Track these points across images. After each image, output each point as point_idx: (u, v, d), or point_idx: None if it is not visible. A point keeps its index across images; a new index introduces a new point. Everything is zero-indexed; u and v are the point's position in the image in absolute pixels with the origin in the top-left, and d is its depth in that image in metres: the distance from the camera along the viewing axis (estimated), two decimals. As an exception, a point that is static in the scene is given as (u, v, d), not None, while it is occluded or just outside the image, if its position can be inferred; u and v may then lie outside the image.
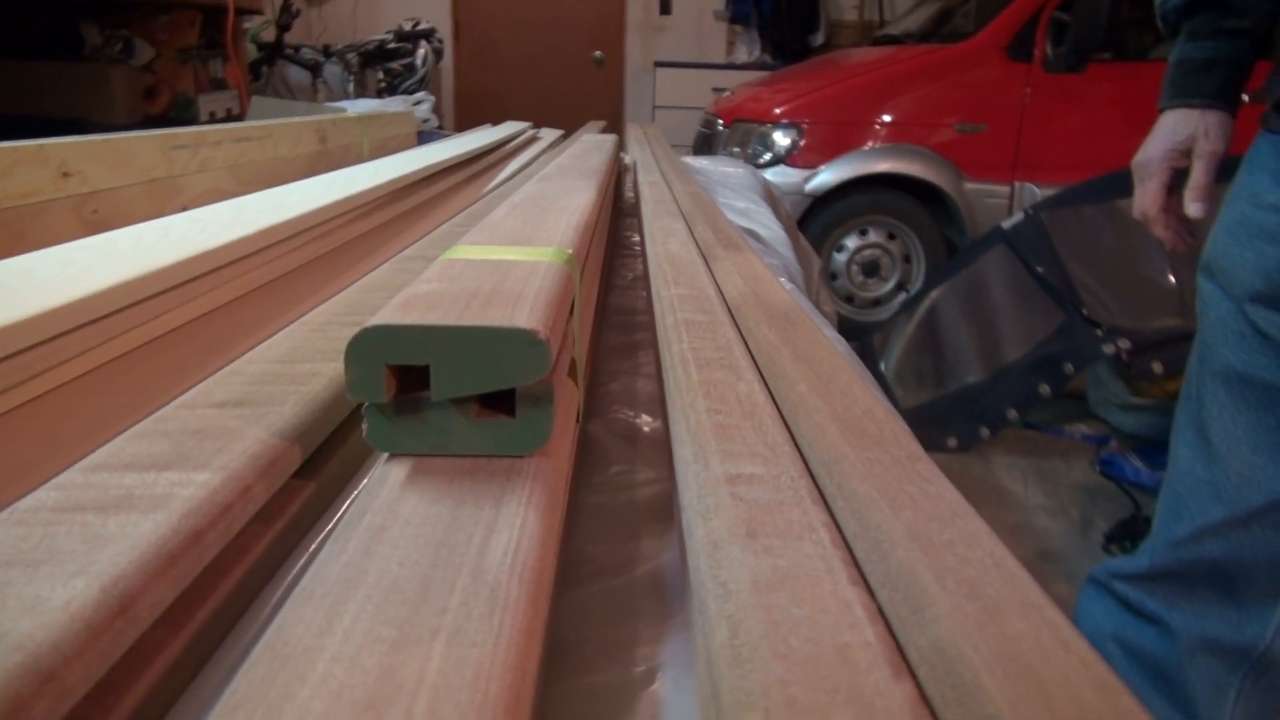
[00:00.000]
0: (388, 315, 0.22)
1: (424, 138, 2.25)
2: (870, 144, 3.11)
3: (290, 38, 3.22)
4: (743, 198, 1.21)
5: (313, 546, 0.25)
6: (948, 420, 2.32)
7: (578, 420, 0.30)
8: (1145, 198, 0.90)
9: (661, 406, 0.34)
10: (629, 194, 1.11)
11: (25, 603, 0.16)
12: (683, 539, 0.20)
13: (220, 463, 0.21)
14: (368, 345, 0.22)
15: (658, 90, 5.00)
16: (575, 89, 5.24)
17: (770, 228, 1.01)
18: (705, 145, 3.56)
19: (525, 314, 0.22)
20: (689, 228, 0.61)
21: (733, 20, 5.12)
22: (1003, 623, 0.16)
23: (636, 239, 0.75)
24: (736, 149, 3.28)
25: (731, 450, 0.22)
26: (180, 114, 2.45)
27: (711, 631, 0.15)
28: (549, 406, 0.22)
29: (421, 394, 0.22)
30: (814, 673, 0.14)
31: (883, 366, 2.49)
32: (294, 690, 0.14)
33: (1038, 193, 3.04)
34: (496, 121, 4.51)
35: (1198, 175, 0.87)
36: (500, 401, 0.23)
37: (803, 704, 0.13)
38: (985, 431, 2.27)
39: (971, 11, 3.28)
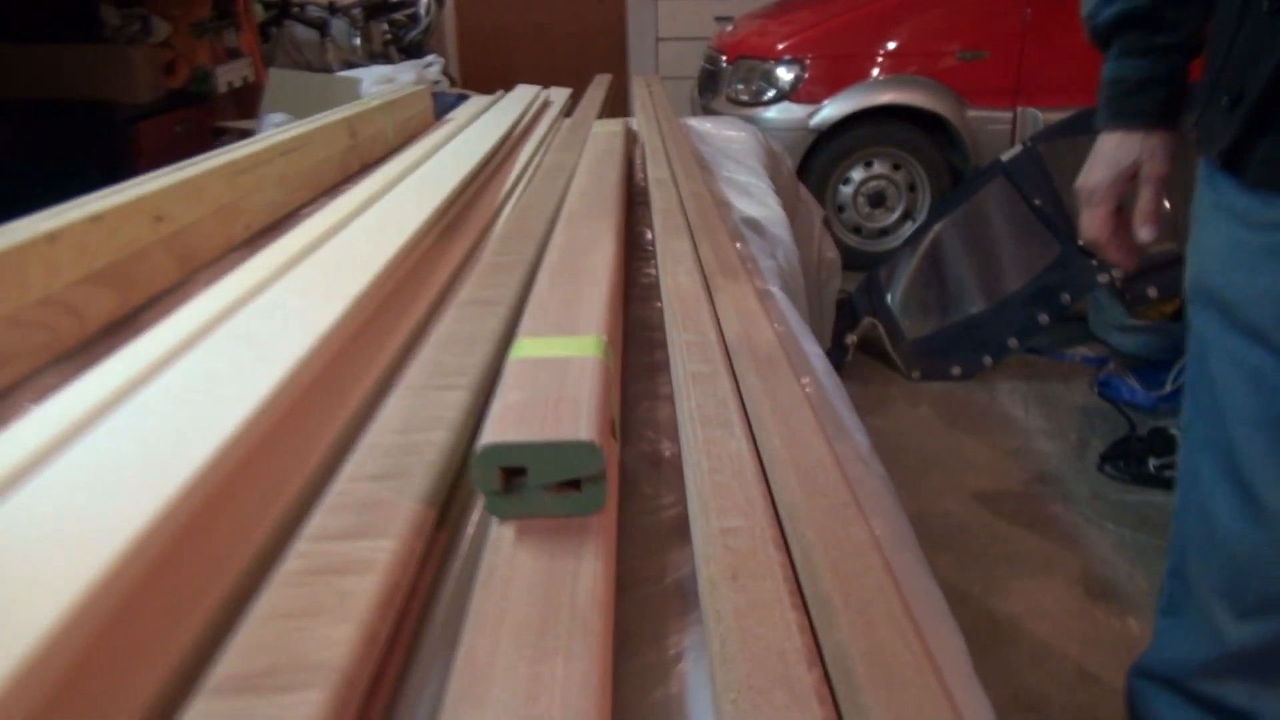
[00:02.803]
0: (494, 434, 0.33)
1: (438, 100, 2.32)
2: (872, 76, 3.15)
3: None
4: (745, 169, 1.31)
5: (449, 584, 0.36)
6: (952, 350, 2.43)
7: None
8: (1094, 225, 0.89)
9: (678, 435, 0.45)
10: (639, 177, 1.20)
11: (320, 641, 0.27)
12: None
13: (395, 530, 0.32)
14: (487, 457, 0.33)
15: (660, 21, 4.99)
16: (578, 22, 5.23)
17: (769, 206, 1.11)
18: (709, 81, 3.59)
19: (584, 424, 0.33)
20: (694, 247, 0.71)
21: (734, -54, 5.06)
22: (876, 631, 0.27)
23: (650, 236, 0.85)
24: (740, 85, 3.32)
25: (723, 507, 0.33)
26: (199, 87, 2.53)
27: (710, 642, 0.26)
28: (604, 483, 0.34)
29: (521, 479, 0.34)
30: (764, 668, 0.25)
31: (889, 298, 2.58)
32: (486, 690, 0.25)
33: (1040, 117, 3.08)
34: (501, 62, 4.54)
35: (1146, 201, 0.86)
36: (572, 479, 0.34)
37: (757, 688, 0.24)
38: (988, 359, 2.37)
39: (971, -64, 3.27)
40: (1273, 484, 0.71)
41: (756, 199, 1.15)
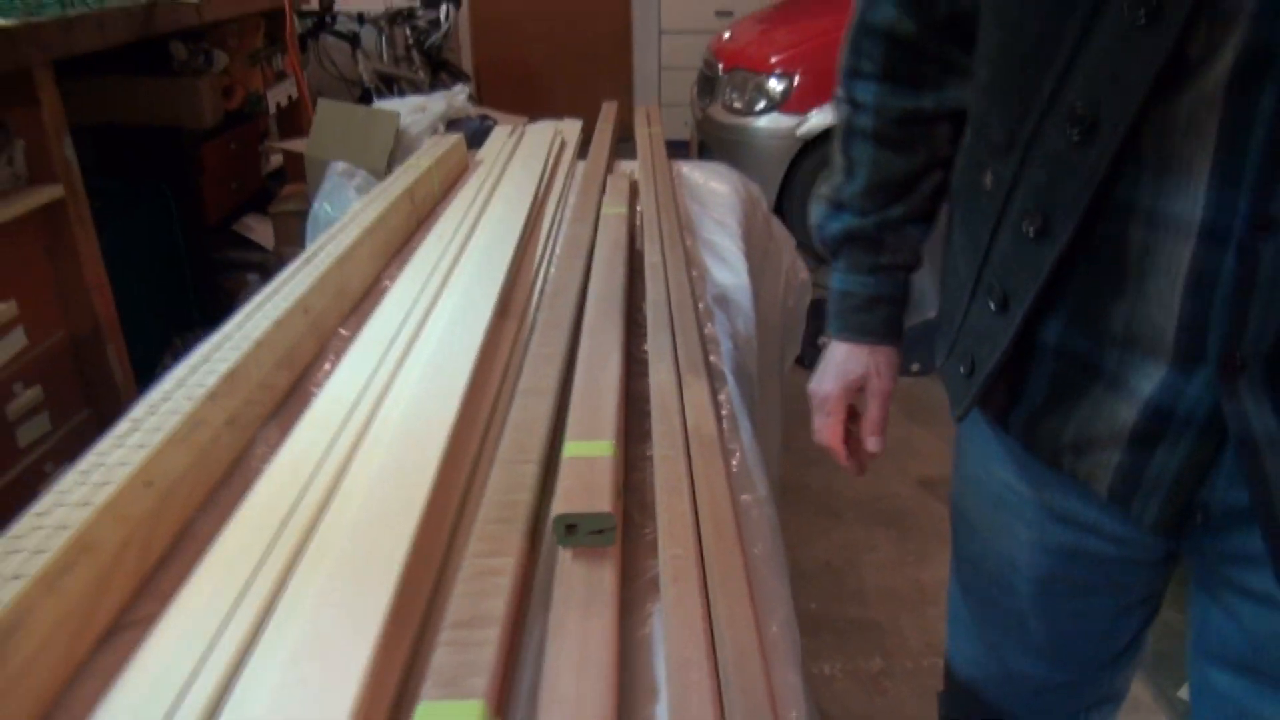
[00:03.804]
0: (561, 508, 0.68)
1: (464, 125, 2.64)
2: (855, 89, 3.45)
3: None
4: (722, 229, 1.64)
5: (540, 579, 0.70)
6: (912, 348, 2.77)
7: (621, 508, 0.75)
8: (825, 432, 0.93)
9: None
10: (639, 243, 1.54)
11: (489, 605, 0.61)
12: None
13: (512, 550, 0.67)
14: (558, 519, 0.68)
15: (663, 15, 5.26)
16: (585, 14, 5.48)
17: (738, 273, 1.45)
18: (707, 86, 3.89)
19: (604, 501, 0.68)
20: (673, 340, 1.05)
21: (733, -60, 5.31)
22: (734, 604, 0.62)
23: (645, 311, 1.19)
24: (735, 94, 3.62)
25: (674, 538, 0.68)
26: (252, 109, 2.86)
27: (665, 615, 0.62)
28: (613, 531, 0.68)
29: (575, 528, 0.68)
30: (686, 628, 0.60)
31: (860, 300, 2.91)
32: (563, 632, 0.60)
33: (1004, 130, 3.39)
34: (513, 54, 4.87)
35: (874, 412, 0.92)
36: (598, 530, 0.69)
37: (677, 635, 0.59)
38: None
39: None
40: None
41: (729, 264, 1.49)
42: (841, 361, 0.92)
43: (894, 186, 0.85)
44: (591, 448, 0.78)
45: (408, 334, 1.09)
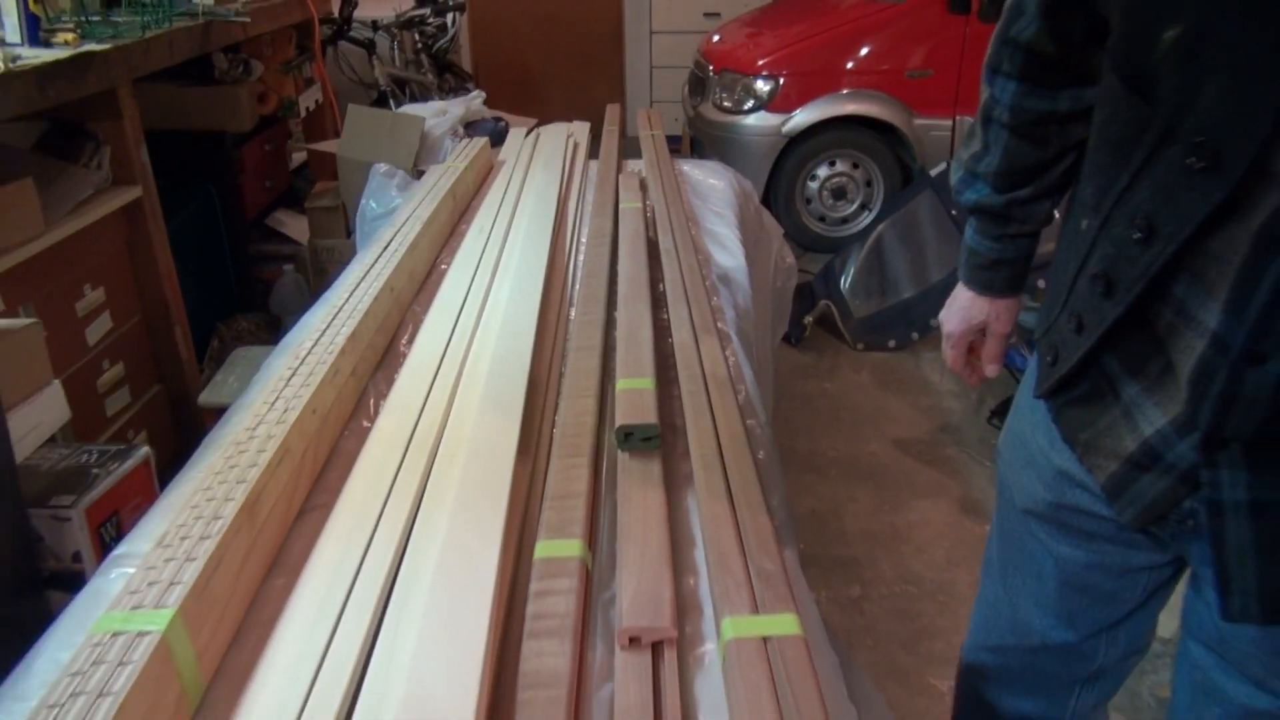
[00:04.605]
0: (621, 419, 0.94)
1: (480, 126, 2.90)
2: (836, 90, 3.73)
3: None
4: (720, 220, 1.91)
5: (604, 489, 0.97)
6: (888, 326, 3.06)
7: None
8: (951, 359, 1.06)
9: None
10: (652, 234, 1.81)
11: (568, 534, 0.88)
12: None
13: (588, 461, 0.94)
14: (619, 430, 0.94)
15: (654, 16, 5.51)
16: (577, 15, 5.71)
17: (735, 256, 1.72)
18: (699, 86, 4.15)
19: (652, 414, 0.95)
20: (689, 310, 1.32)
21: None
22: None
23: (662, 288, 1.46)
24: (724, 94, 3.89)
25: (703, 452, 0.94)
26: (285, 113, 3.11)
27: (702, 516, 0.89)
28: (659, 439, 0.94)
29: (631, 436, 0.94)
30: (724, 544, 0.87)
31: (841, 284, 3.19)
32: (629, 541, 0.87)
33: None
34: (511, 53, 5.13)
35: (991, 347, 1.03)
36: (648, 437, 0.95)
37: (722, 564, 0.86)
38: (915, 335, 3.01)
39: (919, -30, 3.82)
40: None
41: (728, 250, 1.76)
42: (966, 307, 1.02)
43: (1025, 172, 0.91)
44: (637, 383, 1.06)
45: (474, 304, 1.36)
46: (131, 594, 0.69)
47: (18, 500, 1.09)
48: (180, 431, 2.26)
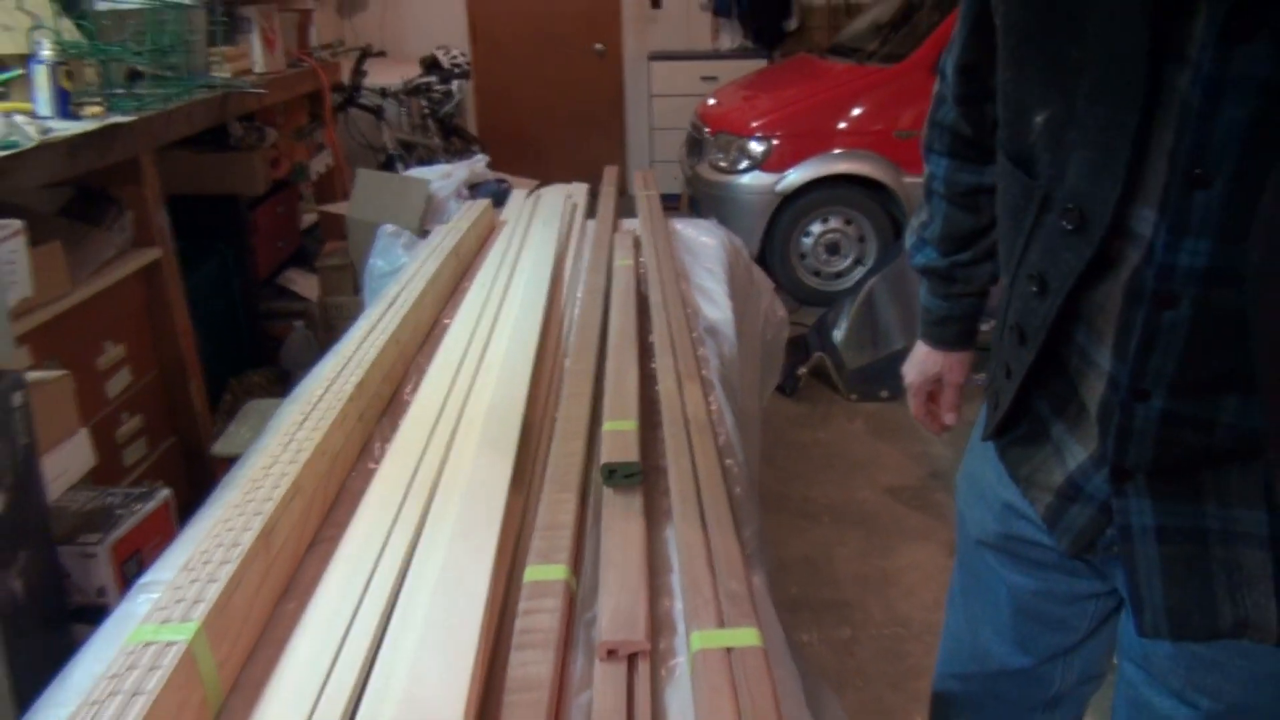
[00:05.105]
0: (606, 457, 1.02)
1: (483, 188, 3.02)
2: (828, 150, 3.87)
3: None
4: (710, 275, 2.01)
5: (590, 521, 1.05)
6: (881, 376, 3.14)
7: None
8: (914, 408, 1.18)
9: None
10: (643, 286, 1.91)
11: (555, 560, 0.97)
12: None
13: (571, 501, 1.02)
14: (605, 467, 1.02)
15: (653, 80, 5.70)
16: (580, 79, 5.93)
17: (722, 309, 1.82)
18: (696, 147, 4.30)
19: (634, 453, 1.03)
20: (674, 360, 1.41)
21: (716, 12, 5.78)
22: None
23: (651, 339, 1.56)
24: (720, 155, 4.03)
25: (682, 496, 1.02)
26: (297, 177, 3.25)
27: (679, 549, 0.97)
28: (640, 476, 1.03)
29: (615, 473, 1.03)
30: (695, 564, 0.95)
31: (834, 336, 3.29)
32: (609, 566, 0.95)
33: (961, 184, 3.80)
34: (514, 119, 5.31)
35: (947, 397, 1.14)
36: (630, 474, 1.03)
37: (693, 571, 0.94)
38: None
39: (906, 36, 3.99)
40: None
41: (716, 303, 1.86)
42: (922, 360, 1.13)
43: (964, 238, 1.02)
44: (621, 424, 1.14)
45: (474, 356, 1.45)
46: (160, 610, 0.77)
47: (49, 538, 1.17)
48: (193, 481, 2.34)
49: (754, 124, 3.94)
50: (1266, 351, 0.65)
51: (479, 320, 1.63)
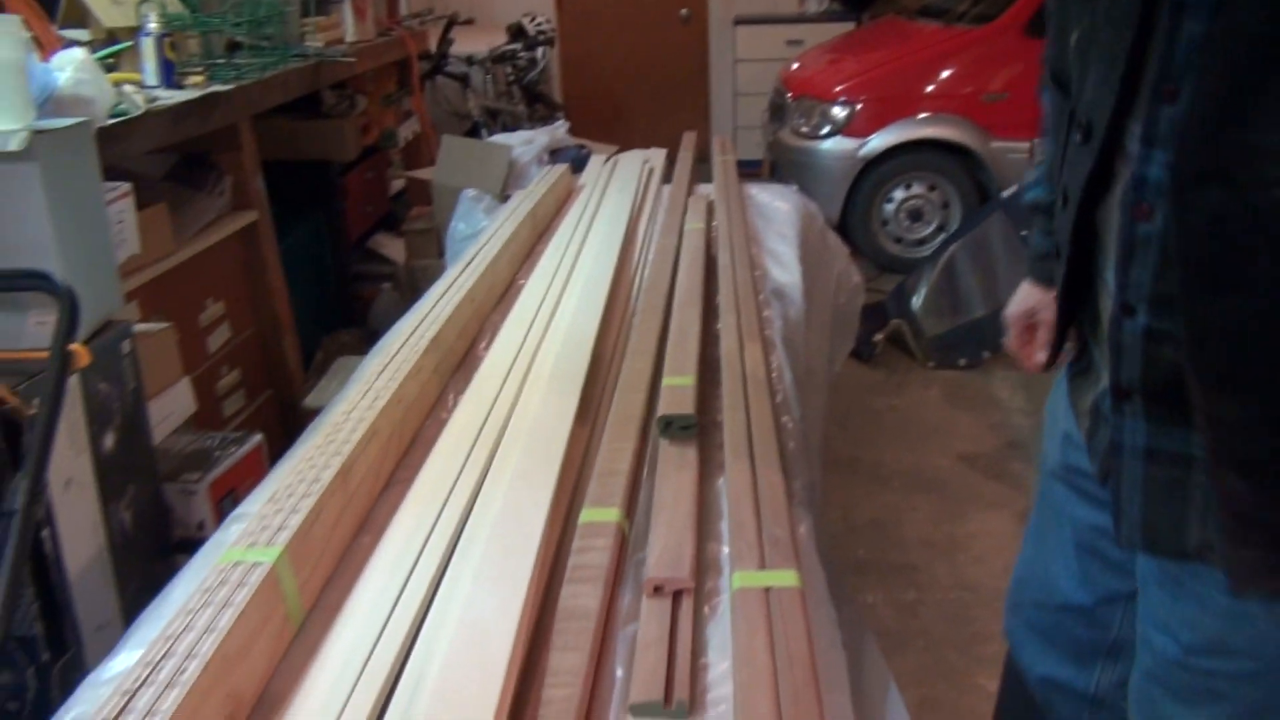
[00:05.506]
0: (663, 409, 1.07)
1: (564, 154, 3.08)
2: (913, 114, 3.80)
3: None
4: (781, 239, 2.03)
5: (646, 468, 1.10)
6: (960, 345, 3.11)
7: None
8: (1010, 343, 1.18)
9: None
10: (714, 250, 1.94)
11: (610, 503, 1.02)
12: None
13: (631, 447, 1.07)
14: (661, 419, 1.07)
15: (738, 45, 5.65)
16: (664, 45, 5.91)
17: (791, 272, 1.83)
18: (778, 113, 4.27)
19: (690, 407, 1.07)
20: (738, 319, 1.44)
21: (804, -26, 5.69)
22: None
23: (718, 301, 1.59)
24: (802, 120, 4.00)
25: (733, 445, 1.06)
26: (386, 144, 3.35)
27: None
28: (695, 429, 1.07)
29: (671, 425, 1.07)
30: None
31: (913, 303, 3.26)
32: (661, 508, 0.99)
33: (1051, 149, 3.71)
34: (600, 85, 5.34)
35: (1041, 335, 1.12)
36: (686, 426, 1.08)
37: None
38: (986, 353, 3.05)
39: (995, -5, 3.87)
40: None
41: (785, 266, 1.88)
42: (1023, 294, 1.15)
43: None
44: (680, 380, 1.18)
45: (545, 314, 1.51)
46: (249, 535, 0.85)
47: (154, 475, 1.28)
48: (287, 431, 2.47)
49: (837, 88, 3.89)
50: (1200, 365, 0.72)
51: (552, 280, 1.69)
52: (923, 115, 3.79)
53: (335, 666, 0.78)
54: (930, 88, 3.79)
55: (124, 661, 0.83)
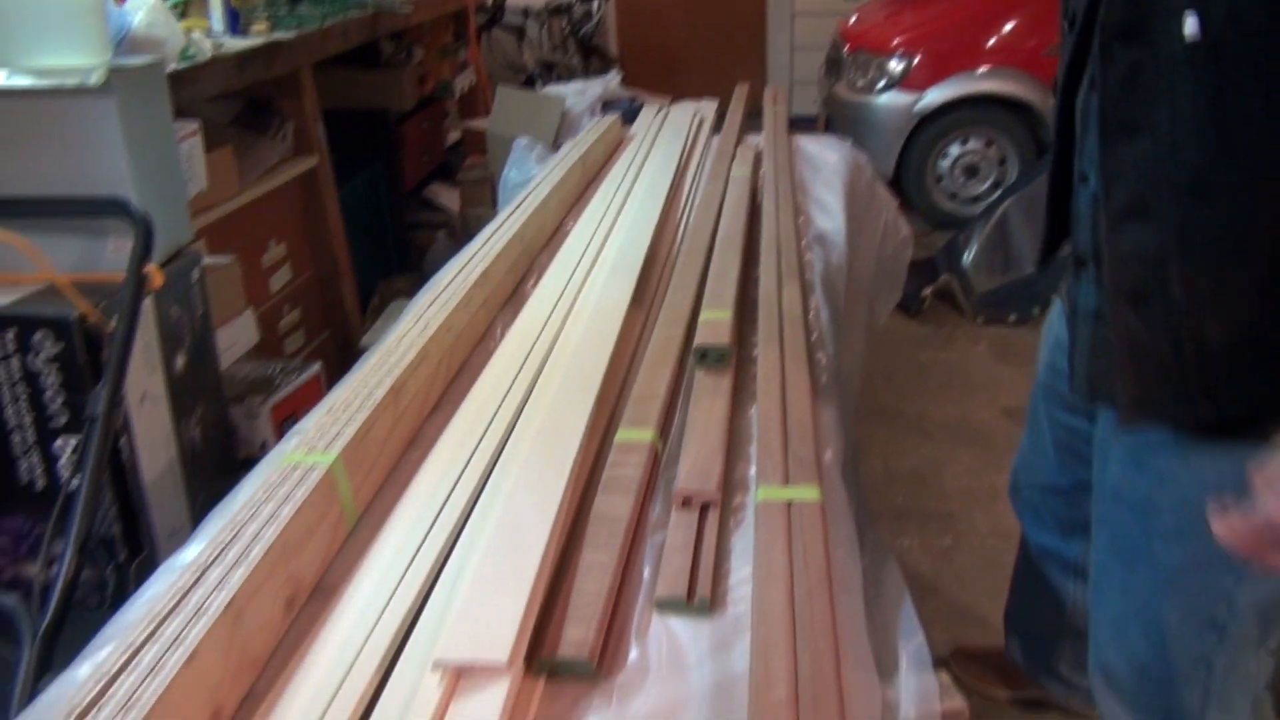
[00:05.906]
0: (700, 340, 1.11)
1: (616, 105, 3.10)
2: (971, 68, 3.74)
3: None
4: (829, 189, 2.04)
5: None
6: (1010, 300, 3.09)
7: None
8: None
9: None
10: (760, 197, 1.96)
11: (644, 425, 1.07)
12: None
13: (669, 373, 1.12)
14: (696, 349, 1.11)
15: (796, -1, 5.59)
16: (723, -2, 5.86)
17: (836, 220, 1.85)
18: (833, 67, 4.24)
19: (727, 337, 1.11)
20: (778, 260, 1.47)
21: (865, -76, 5.58)
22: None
23: (759, 245, 1.62)
24: (858, 74, 3.96)
25: (767, 375, 1.10)
26: (441, 94, 3.40)
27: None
28: (731, 358, 1.11)
29: (706, 356, 1.12)
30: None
31: (964, 259, 3.24)
32: (693, 435, 1.04)
33: (1113, 104, 3.63)
34: (655, 36, 5.34)
35: None
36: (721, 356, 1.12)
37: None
38: (1036, 309, 3.03)
39: (1061, -55, 3.78)
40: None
41: (830, 214, 1.90)
42: None
43: None
44: (717, 313, 1.23)
45: (591, 255, 1.56)
46: (307, 441, 0.92)
47: (221, 397, 1.36)
48: (344, 370, 2.57)
49: (894, 41, 3.84)
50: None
51: (599, 224, 1.73)
52: (982, 69, 3.73)
53: (385, 560, 0.85)
54: (990, 41, 3.73)
55: (194, 552, 0.91)
